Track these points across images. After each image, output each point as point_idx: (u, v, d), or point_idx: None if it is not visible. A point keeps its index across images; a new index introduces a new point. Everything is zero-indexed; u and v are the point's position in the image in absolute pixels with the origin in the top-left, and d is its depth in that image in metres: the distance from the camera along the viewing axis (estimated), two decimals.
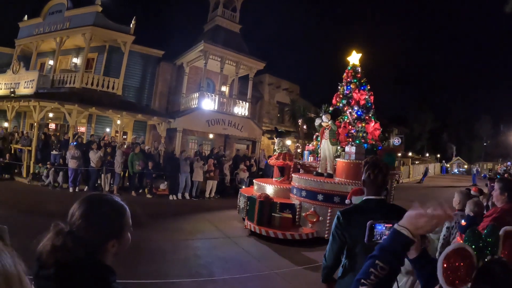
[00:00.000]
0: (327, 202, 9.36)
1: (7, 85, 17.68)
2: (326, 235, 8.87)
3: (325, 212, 9.33)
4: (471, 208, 4.50)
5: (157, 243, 7.72)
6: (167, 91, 22.42)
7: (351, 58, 13.63)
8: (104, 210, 1.52)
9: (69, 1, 19.59)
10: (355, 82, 12.99)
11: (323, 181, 9.61)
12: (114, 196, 1.63)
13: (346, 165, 9.96)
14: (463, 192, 5.23)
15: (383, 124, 12.14)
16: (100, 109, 17.34)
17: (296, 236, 9.02)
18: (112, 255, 1.52)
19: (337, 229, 2.63)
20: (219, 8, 22.61)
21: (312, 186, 9.72)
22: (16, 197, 11.48)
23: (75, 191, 13.43)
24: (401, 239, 1.42)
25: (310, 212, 9.52)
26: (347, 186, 9.16)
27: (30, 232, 0.79)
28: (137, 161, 13.95)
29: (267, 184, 11.41)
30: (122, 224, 1.55)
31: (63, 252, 1.32)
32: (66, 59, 21.07)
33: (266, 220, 9.52)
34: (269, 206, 9.72)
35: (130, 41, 19.58)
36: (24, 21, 21.10)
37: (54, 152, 14.86)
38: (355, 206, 2.95)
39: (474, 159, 62.14)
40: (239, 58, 21.26)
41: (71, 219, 1.48)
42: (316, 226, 9.40)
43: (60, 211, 1.63)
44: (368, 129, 12.38)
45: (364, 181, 2.67)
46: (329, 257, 2.73)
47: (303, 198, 9.88)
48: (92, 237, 1.44)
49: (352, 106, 12.75)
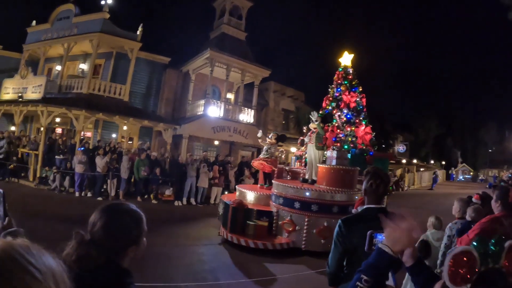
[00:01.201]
0: (304, 210, 8.79)
1: (15, 89, 17.87)
2: (303, 246, 8.63)
3: (302, 221, 8.77)
4: (469, 213, 4.60)
5: (162, 248, 7.75)
6: (173, 97, 22.54)
7: (342, 59, 13.23)
8: (124, 220, 1.61)
9: (77, 7, 19.82)
10: (345, 84, 12.58)
11: (300, 188, 9.05)
12: (131, 204, 1.72)
13: (326, 171, 9.44)
14: (463, 200, 5.29)
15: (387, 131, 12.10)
16: (107, 115, 17.46)
17: (268, 245, 8.46)
18: (130, 259, 1.61)
19: (338, 236, 2.70)
20: (225, 15, 22.79)
21: (289, 193, 9.11)
22: (22, 200, 11.53)
23: (81, 195, 13.50)
24: (384, 256, 1.55)
25: (287, 220, 8.94)
26: (326, 194, 8.81)
27: (37, 236, 0.86)
28: (143, 167, 14.03)
29: (248, 190, 10.75)
30: (140, 231, 1.65)
31: (87, 261, 1.42)
32: (73, 65, 21.25)
33: (240, 227, 9.05)
34: (243, 212, 9.22)
35: (137, 48, 19.74)
36: (32, 27, 21.31)
37: (60, 156, 14.97)
38: (356, 214, 3.05)
39: (479, 165, 61.88)
40: (244, 66, 21.37)
41: (92, 228, 1.56)
42: (293, 235, 8.84)
43: (67, 216, 1.72)
44: (358, 133, 11.93)
45: (366, 190, 2.73)
46: (331, 264, 2.79)
47: (280, 205, 9.26)
48: (114, 246, 1.54)
49: (342, 109, 12.32)
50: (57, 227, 8.29)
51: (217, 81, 22.25)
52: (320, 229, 8.54)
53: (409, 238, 1.56)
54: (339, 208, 8.78)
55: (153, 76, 21.79)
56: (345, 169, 9.41)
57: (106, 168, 13.72)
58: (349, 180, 9.41)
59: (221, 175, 15.46)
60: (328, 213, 8.70)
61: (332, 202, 8.81)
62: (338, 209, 8.75)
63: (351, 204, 8.63)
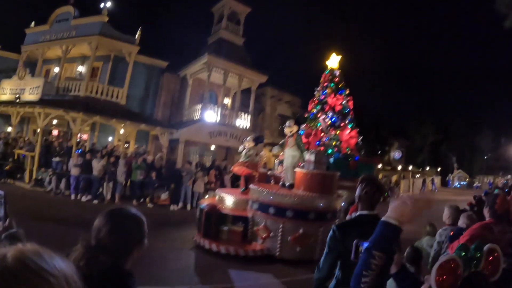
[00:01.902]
0: (279, 216, 8.37)
1: (12, 90, 17.85)
2: (277, 253, 8.25)
3: (276, 227, 8.36)
4: (463, 220, 4.63)
5: (157, 251, 7.72)
6: (171, 102, 22.62)
7: (329, 61, 12.83)
8: (128, 224, 1.71)
9: (76, 10, 19.92)
10: (331, 87, 12.20)
11: (274, 193, 8.65)
12: (131, 208, 1.81)
13: (303, 175, 9.13)
14: (453, 207, 5.37)
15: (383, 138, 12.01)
16: (104, 118, 17.47)
17: (240, 252, 8.12)
18: (133, 260, 1.72)
19: (332, 241, 2.71)
20: (223, 21, 22.90)
21: (264, 198, 8.72)
22: (18, 202, 11.47)
23: (76, 198, 13.47)
24: (390, 227, 1.60)
25: (261, 226, 8.56)
26: (301, 199, 8.45)
27: (35, 238, 0.92)
28: (139, 171, 14.06)
29: (228, 194, 10.22)
30: (143, 233, 1.76)
31: (97, 265, 1.51)
32: (71, 67, 21.33)
33: (214, 232, 8.80)
34: (217, 217, 8.96)
35: (135, 52, 19.83)
36: (31, 28, 21.39)
37: (57, 159, 14.98)
38: (350, 220, 3.12)
39: (475, 172, 61.98)
40: (242, 71, 21.50)
41: (98, 234, 1.65)
42: (267, 242, 8.45)
43: (62, 218, 1.78)
44: (342, 137, 11.48)
45: (360, 197, 2.77)
46: (322, 269, 2.77)
47: (256, 210, 8.84)
48: (121, 250, 1.65)
49: (326, 112, 11.90)
50: (52, 229, 8.35)
51: (214, 86, 22.37)
52: (295, 236, 8.19)
53: (414, 210, 1.60)
54: (317, 214, 8.44)
55: (151, 80, 21.86)
56: (323, 174, 9.13)
57: (103, 171, 13.73)
58: (327, 185, 9.10)
59: (217, 180, 15.50)
60: (304, 220, 8.34)
61: (308, 208, 8.41)
62: (315, 216, 8.40)
63: (330, 211, 8.69)
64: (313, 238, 8.26)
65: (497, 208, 3.69)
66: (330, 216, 8.65)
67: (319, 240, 8.19)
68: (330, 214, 8.65)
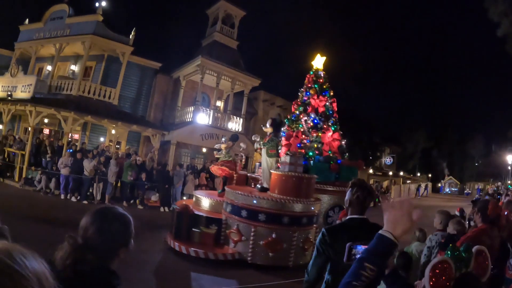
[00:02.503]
0: (251, 219, 8.11)
1: (4, 87, 17.82)
2: (249, 258, 7.97)
3: (248, 231, 8.11)
4: (454, 226, 4.68)
5: (146, 254, 7.75)
6: (163, 103, 22.60)
7: (315, 62, 12.56)
8: (116, 224, 1.73)
9: (70, 8, 19.85)
10: (315, 88, 11.86)
11: (247, 195, 8.37)
12: (119, 208, 1.84)
13: (278, 178, 8.70)
14: (444, 212, 5.42)
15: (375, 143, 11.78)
16: (96, 118, 17.43)
17: (210, 255, 7.88)
18: (119, 260, 1.75)
19: (321, 244, 2.68)
20: (217, 24, 22.98)
21: (237, 200, 8.44)
22: (7, 201, 11.47)
23: (66, 198, 13.44)
24: (385, 241, 1.56)
25: (233, 229, 8.32)
26: (274, 202, 8.10)
27: (22, 237, 0.93)
28: (130, 172, 14.05)
29: (204, 196, 10.05)
30: (130, 233, 1.78)
31: (83, 264, 1.54)
32: (64, 66, 21.25)
33: (185, 234, 8.63)
34: (188, 219, 8.78)
35: (129, 52, 19.81)
36: (25, 25, 21.28)
37: (47, 158, 14.92)
38: (340, 223, 3.13)
39: (466, 179, 62.36)
40: (235, 74, 21.56)
41: (85, 233, 1.67)
42: (240, 246, 8.20)
43: (50, 218, 1.81)
44: (324, 139, 11.10)
45: (351, 201, 2.77)
46: (311, 272, 2.73)
47: (229, 213, 8.61)
48: (108, 249, 1.68)
49: (309, 114, 11.57)
50: (40, 228, 8.32)
51: (207, 88, 22.40)
52: (268, 241, 7.91)
53: (409, 221, 1.55)
54: (291, 219, 8.11)
55: (144, 81, 21.83)
56: (298, 177, 8.64)
57: (94, 171, 13.70)
58: (304, 189, 8.67)
59: (207, 182, 15.51)
60: (276, 224, 8.02)
61: (281, 212, 8.07)
62: (289, 220, 8.08)
63: (306, 215, 8.39)
64: (287, 243, 8.04)
65: (490, 213, 3.74)
66: (306, 221, 8.40)
67: (293, 246, 8.11)
68: (306, 219, 8.38)
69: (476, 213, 3.89)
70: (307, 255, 8.35)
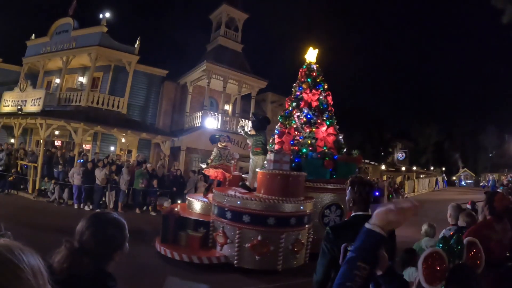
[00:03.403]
0: (236, 221, 7.71)
1: (14, 102, 18.00)
2: (236, 262, 7.55)
3: (233, 233, 7.69)
4: (463, 219, 4.58)
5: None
6: (171, 109, 22.74)
7: (307, 55, 12.09)
8: (110, 228, 1.78)
9: (75, 21, 20.13)
10: (308, 82, 11.34)
11: (231, 196, 8.00)
12: (114, 213, 1.91)
13: (263, 176, 8.33)
14: (454, 205, 5.35)
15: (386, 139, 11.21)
16: (106, 128, 17.60)
17: (194, 259, 7.53)
18: (115, 263, 1.79)
19: (326, 243, 2.65)
20: (221, 28, 23.11)
21: (223, 202, 8.08)
22: (22, 212, 11.62)
23: (79, 208, 13.58)
24: (375, 236, 1.52)
25: (219, 232, 7.91)
26: (258, 203, 7.66)
27: (35, 247, 1.00)
28: (141, 180, 14.14)
29: (196, 199, 9.67)
30: (124, 237, 1.83)
31: (79, 268, 1.59)
32: (72, 78, 21.49)
33: (172, 237, 8.38)
34: (175, 222, 8.52)
35: (135, 61, 20.01)
36: (32, 40, 21.57)
37: (59, 169, 15.09)
38: (345, 221, 3.10)
39: (480, 170, 61.60)
40: (241, 77, 21.64)
41: (81, 237, 1.72)
42: (226, 249, 7.79)
43: (65, 227, 1.86)
44: (318, 134, 10.50)
45: (353, 199, 2.76)
46: (318, 272, 2.70)
47: (216, 216, 8.27)
48: (103, 252, 1.72)
49: (301, 109, 11.07)
50: (55, 238, 8.35)
51: (214, 92, 22.49)
52: (253, 244, 7.44)
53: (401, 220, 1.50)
54: (277, 220, 7.61)
55: (151, 89, 22.00)
56: (284, 174, 8.12)
57: (105, 180, 13.83)
58: (291, 187, 8.16)
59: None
60: (262, 226, 7.55)
61: (267, 212, 7.59)
62: (275, 221, 7.57)
63: (295, 216, 7.86)
64: (274, 246, 7.52)
65: (496, 205, 3.63)
66: (295, 221, 7.84)
67: (282, 248, 7.58)
68: (294, 219, 7.82)
69: (484, 206, 3.79)
70: (298, 258, 8.01)
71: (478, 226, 3.67)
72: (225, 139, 10.32)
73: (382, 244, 1.57)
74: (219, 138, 10.34)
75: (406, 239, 6.00)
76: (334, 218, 9.23)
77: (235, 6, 23.30)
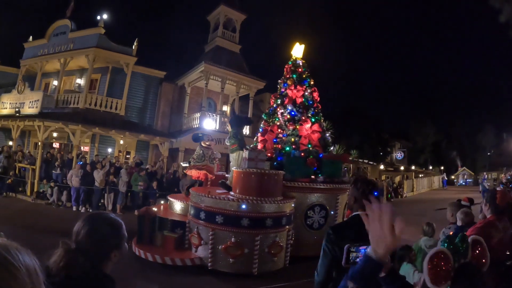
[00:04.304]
0: (209, 222, 7.40)
1: (12, 104, 17.99)
2: (210, 264, 7.24)
3: (206, 234, 7.39)
4: (461, 217, 4.58)
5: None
6: (169, 111, 22.73)
7: (294, 51, 11.74)
8: (105, 228, 1.78)
9: (72, 23, 20.12)
10: (293, 78, 10.99)
11: (203, 196, 7.71)
12: (110, 213, 1.91)
13: (236, 175, 8.01)
14: (454, 204, 5.32)
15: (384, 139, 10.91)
16: (104, 130, 17.62)
17: (167, 260, 7.29)
18: (113, 264, 1.79)
19: (327, 243, 2.63)
20: (219, 29, 23.10)
21: (198, 202, 7.81)
22: (20, 214, 11.62)
23: (78, 210, 13.56)
24: (371, 263, 1.49)
25: (194, 233, 7.63)
26: (231, 203, 7.37)
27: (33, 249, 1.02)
28: (140, 182, 14.13)
29: (177, 200, 9.38)
30: (121, 237, 1.83)
31: (75, 267, 1.59)
32: (70, 80, 21.47)
33: (148, 238, 8.22)
34: (150, 222, 8.31)
35: (133, 63, 19.99)
36: (29, 42, 21.58)
37: (57, 171, 15.08)
38: (346, 221, 3.08)
39: (478, 169, 61.63)
40: (239, 78, 21.62)
41: (77, 237, 1.72)
42: (200, 251, 7.51)
43: (63, 229, 1.86)
44: (302, 131, 10.12)
45: (356, 197, 2.74)
46: (320, 272, 2.68)
47: (191, 216, 7.98)
48: (98, 252, 1.71)
49: (285, 106, 10.67)
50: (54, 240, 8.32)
51: (212, 93, 22.47)
52: (227, 246, 7.11)
53: (391, 236, 1.42)
54: (252, 221, 7.25)
55: (149, 90, 21.98)
56: (258, 173, 7.74)
57: (104, 182, 13.82)
58: (266, 186, 7.77)
59: None
60: (235, 227, 7.22)
61: (240, 213, 7.27)
62: (249, 223, 7.21)
63: (271, 217, 7.50)
64: (248, 248, 7.15)
65: (498, 203, 3.61)
66: (271, 222, 7.46)
67: (257, 251, 7.21)
68: (270, 220, 7.45)
69: (485, 204, 3.75)
70: (277, 261, 7.62)
71: (482, 225, 3.63)
72: (208, 138, 10.18)
73: (379, 271, 1.55)
74: (202, 137, 10.24)
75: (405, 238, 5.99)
76: (318, 219, 8.99)
77: (232, 7, 23.27)
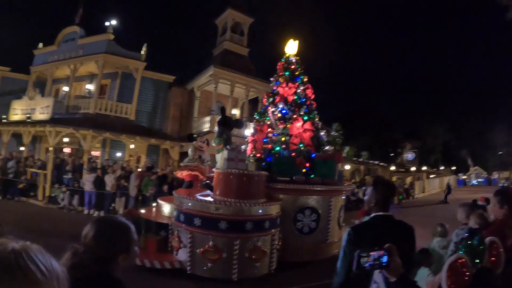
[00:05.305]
0: (188, 224, 7.22)
1: (23, 110, 18.12)
2: (189, 268, 7.06)
3: (186, 237, 7.19)
4: (475, 220, 4.51)
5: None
6: (179, 115, 22.81)
7: (287, 48, 11.49)
8: (112, 230, 1.77)
9: (82, 29, 20.37)
10: (285, 75, 10.67)
11: (182, 198, 7.59)
12: (119, 217, 1.89)
13: (216, 176, 7.77)
14: (466, 205, 5.24)
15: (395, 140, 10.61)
16: (114, 134, 17.68)
17: (146, 263, 7.12)
18: (122, 267, 1.76)
19: (348, 244, 2.58)
20: (227, 32, 23.12)
21: (179, 204, 7.65)
22: (32, 219, 11.67)
23: (89, 213, 13.63)
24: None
25: (174, 235, 7.47)
26: (209, 205, 7.19)
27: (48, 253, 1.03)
28: (150, 186, 14.14)
29: (165, 202, 9.21)
30: (129, 240, 1.79)
31: (81, 269, 1.56)
32: (80, 86, 21.63)
33: None
34: (133, 224, 7.75)
35: (142, 67, 20.12)
36: (39, 49, 21.85)
37: (68, 176, 15.15)
38: (365, 222, 3.05)
39: (490, 168, 61.19)
40: (248, 81, 21.63)
41: (84, 240, 1.71)
42: (181, 254, 7.34)
43: (75, 233, 1.83)
44: (293, 130, 9.77)
45: (376, 199, 2.72)
46: (339, 273, 2.62)
47: (174, 218, 7.83)
48: (104, 254, 1.68)
49: (276, 104, 10.33)
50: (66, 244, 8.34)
51: (222, 97, 22.45)
52: (205, 249, 6.89)
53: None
54: (230, 224, 6.99)
55: (159, 95, 22.10)
56: (237, 174, 7.49)
57: (115, 186, 13.87)
58: (247, 188, 7.53)
59: None
60: (213, 230, 6.96)
61: (217, 216, 7.02)
62: (227, 226, 6.96)
63: (252, 220, 7.20)
64: (227, 253, 6.90)
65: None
66: (252, 226, 7.16)
67: (236, 256, 6.93)
68: (251, 224, 7.14)
69: (501, 207, 3.59)
70: (259, 267, 7.27)
71: (498, 225, 3.52)
72: (202, 140, 10.15)
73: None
74: (195, 138, 10.29)
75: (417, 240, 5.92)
76: (309, 223, 8.67)
77: (240, 10, 23.33)
